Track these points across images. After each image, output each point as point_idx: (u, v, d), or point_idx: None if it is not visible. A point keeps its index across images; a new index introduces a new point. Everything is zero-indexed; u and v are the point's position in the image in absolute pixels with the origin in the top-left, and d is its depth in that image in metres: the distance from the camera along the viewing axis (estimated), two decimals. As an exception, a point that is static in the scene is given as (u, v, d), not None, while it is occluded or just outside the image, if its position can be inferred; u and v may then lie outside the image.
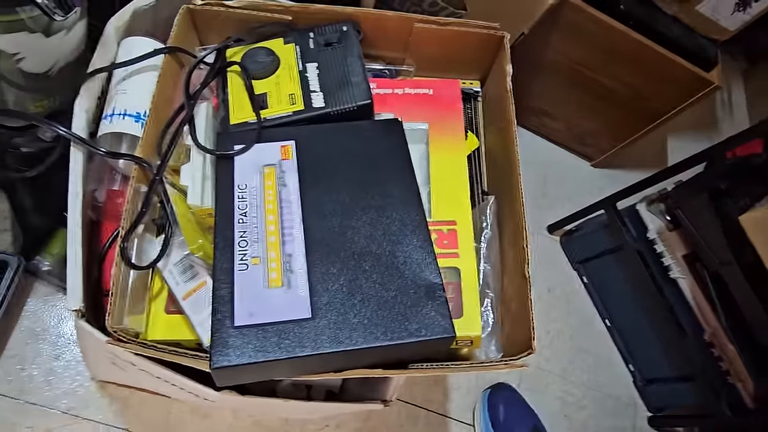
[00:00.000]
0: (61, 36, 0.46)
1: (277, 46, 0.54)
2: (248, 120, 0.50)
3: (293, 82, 0.52)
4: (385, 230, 0.45)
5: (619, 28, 0.94)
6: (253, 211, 0.45)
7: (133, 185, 0.44)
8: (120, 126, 0.49)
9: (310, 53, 0.54)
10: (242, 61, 0.52)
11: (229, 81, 0.52)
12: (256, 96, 0.51)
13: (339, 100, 0.51)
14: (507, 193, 0.52)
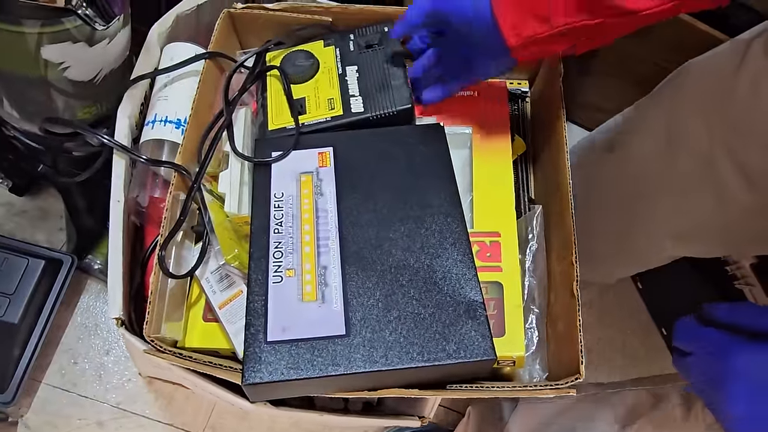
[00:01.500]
0: (105, 44, 0.46)
1: (317, 49, 0.53)
2: (286, 126, 0.49)
3: (332, 87, 0.50)
4: (424, 242, 0.43)
5: (682, 18, 0.87)
6: (289, 221, 0.44)
7: (172, 192, 0.44)
8: (161, 132, 0.49)
9: (350, 56, 0.52)
10: (281, 65, 0.51)
11: (268, 85, 0.51)
12: (294, 101, 0.50)
13: (378, 105, 0.49)
14: (555, 203, 0.49)
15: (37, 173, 0.71)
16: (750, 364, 0.32)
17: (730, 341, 0.34)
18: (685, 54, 0.92)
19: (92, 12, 0.40)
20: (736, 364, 0.32)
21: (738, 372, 0.32)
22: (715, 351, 0.34)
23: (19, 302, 0.63)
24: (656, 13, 0.35)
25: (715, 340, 0.35)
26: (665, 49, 0.93)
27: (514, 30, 0.39)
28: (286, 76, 0.50)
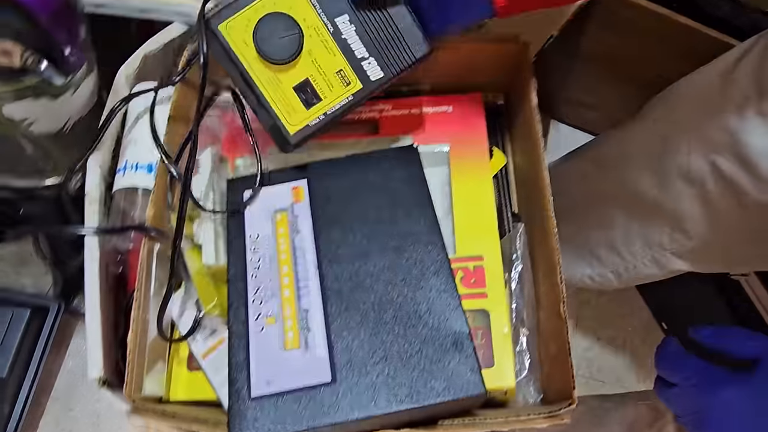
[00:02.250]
0: (69, 95, 0.45)
1: (283, 4, 0.39)
2: (309, 123, 0.41)
3: (332, 52, 0.40)
4: (405, 274, 0.42)
5: (660, 12, 0.86)
6: (267, 264, 0.43)
7: (146, 245, 0.43)
8: (132, 180, 0.48)
9: (332, 2, 0.40)
10: (256, 46, 0.38)
11: (257, 83, 0.40)
12: (302, 90, 0.40)
13: (396, 61, 0.41)
14: (538, 221, 0.48)
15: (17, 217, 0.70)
16: (736, 397, 0.31)
17: (715, 373, 0.33)
18: (665, 46, 0.92)
19: (50, 70, 0.39)
20: (722, 397, 0.32)
21: (725, 406, 0.31)
22: (700, 383, 0.34)
23: (6, 355, 0.62)
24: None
25: (699, 371, 0.34)
26: (646, 42, 0.92)
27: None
28: (268, 59, 0.39)
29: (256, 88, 0.40)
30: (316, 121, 0.41)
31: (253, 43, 0.38)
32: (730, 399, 0.31)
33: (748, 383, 0.31)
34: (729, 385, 0.32)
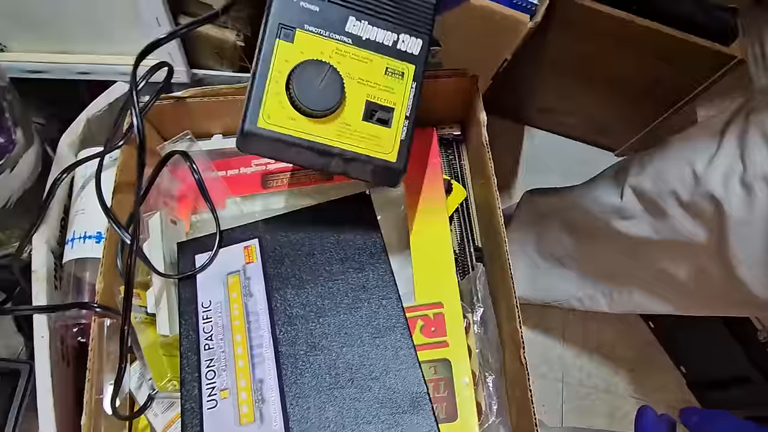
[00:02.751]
0: (7, 174, 0.44)
1: (294, 56, 0.35)
2: (400, 139, 0.37)
3: (368, 59, 0.36)
4: (360, 333, 0.41)
5: (620, 16, 0.86)
6: (220, 333, 0.42)
7: (96, 321, 0.42)
8: (81, 251, 0.47)
9: (331, 19, 0.36)
10: (304, 111, 0.35)
11: (330, 143, 0.36)
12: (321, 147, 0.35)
13: (421, 18, 0.37)
14: (497, 259, 0.48)
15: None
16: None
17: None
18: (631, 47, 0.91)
19: (-25, 158, 0.38)
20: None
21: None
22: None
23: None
24: None
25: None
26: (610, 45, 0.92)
27: None
28: (324, 112, 0.35)
29: (334, 149, 0.36)
30: (404, 130, 0.38)
31: (299, 112, 0.35)
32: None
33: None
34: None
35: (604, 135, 1.17)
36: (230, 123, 0.57)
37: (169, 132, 0.56)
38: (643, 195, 0.61)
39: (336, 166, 0.37)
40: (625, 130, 1.14)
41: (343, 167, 0.37)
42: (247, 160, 0.56)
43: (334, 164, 0.37)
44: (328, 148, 0.35)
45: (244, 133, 0.34)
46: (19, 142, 0.43)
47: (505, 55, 0.64)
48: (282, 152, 0.36)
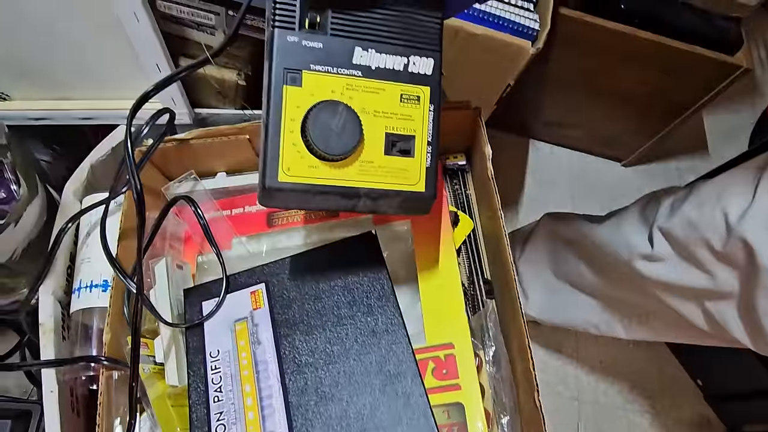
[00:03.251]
0: (11, 229, 0.44)
1: (304, 100, 0.33)
2: (426, 166, 0.36)
3: (380, 89, 0.35)
4: (370, 381, 0.41)
5: (622, 30, 0.85)
6: (229, 384, 0.42)
7: (104, 373, 0.42)
8: (88, 300, 0.47)
9: (336, 53, 0.34)
10: (325, 158, 0.33)
11: (355, 185, 0.34)
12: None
13: (427, 36, 0.36)
14: (506, 294, 0.47)
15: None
16: None
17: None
18: (636, 61, 0.90)
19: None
20: None
21: None
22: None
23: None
24: None
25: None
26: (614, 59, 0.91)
27: None
28: (344, 154, 0.33)
29: (361, 190, 0.34)
30: (429, 156, 0.36)
31: (319, 159, 0.33)
32: None
33: None
34: None
35: (611, 146, 1.16)
36: (233, 161, 0.57)
37: (173, 172, 0.56)
38: (673, 239, 0.60)
39: (364, 205, 0.35)
40: (631, 141, 1.13)
41: (372, 205, 0.35)
42: (251, 198, 0.55)
43: (361, 204, 0.35)
44: (353, 190, 0.34)
45: (266, 190, 0.33)
46: (22, 197, 0.43)
47: (508, 81, 0.64)
48: (307, 202, 0.35)
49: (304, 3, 0.33)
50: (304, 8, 0.33)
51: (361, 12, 0.34)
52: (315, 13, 0.33)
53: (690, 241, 0.58)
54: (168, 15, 0.49)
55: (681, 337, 0.71)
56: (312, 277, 0.46)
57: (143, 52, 0.46)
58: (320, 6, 0.33)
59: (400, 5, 0.35)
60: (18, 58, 0.49)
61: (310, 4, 0.33)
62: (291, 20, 0.33)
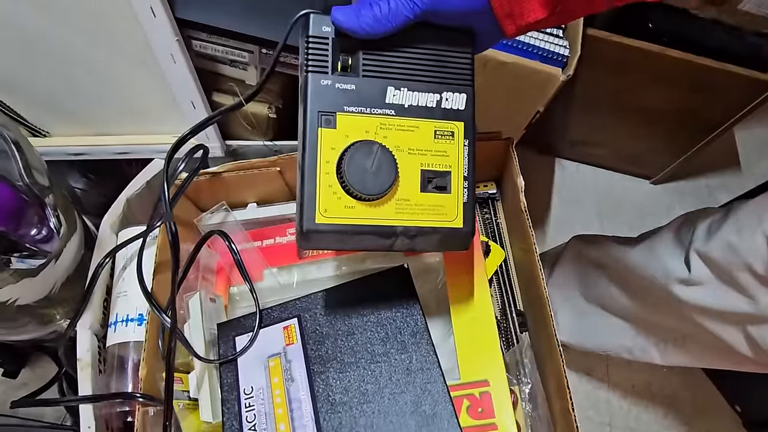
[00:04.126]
0: (52, 266, 0.45)
1: (339, 141, 0.34)
2: (463, 202, 0.36)
3: (414, 127, 0.35)
4: (405, 422, 0.40)
5: (651, 49, 0.84)
6: (263, 422, 0.42)
7: (140, 409, 0.42)
8: (123, 335, 0.48)
9: (370, 94, 0.34)
10: (362, 198, 0.33)
11: (392, 224, 0.34)
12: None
13: (459, 72, 0.36)
14: (543, 330, 0.46)
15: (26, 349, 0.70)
16: None
17: None
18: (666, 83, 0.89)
19: (23, 261, 0.39)
20: None
21: None
22: None
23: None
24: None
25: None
26: (643, 78, 0.90)
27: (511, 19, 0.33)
28: (381, 193, 0.33)
29: (398, 228, 0.34)
30: (465, 191, 0.36)
31: (355, 199, 0.33)
32: None
33: None
34: None
35: (638, 164, 1.14)
36: (264, 192, 0.57)
37: (205, 203, 0.57)
38: (712, 263, 0.58)
39: (401, 244, 0.35)
40: (660, 159, 1.11)
41: (409, 243, 0.35)
42: (282, 229, 0.56)
43: (399, 243, 0.35)
44: (391, 229, 0.34)
45: (304, 232, 0.33)
46: (63, 234, 0.44)
47: (538, 108, 0.63)
48: (345, 242, 0.34)
49: (336, 47, 0.34)
50: (336, 52, 0.34)
51: (392, 52, 0.34)
52: (347, 56, 0.34)
53: (730, 265, 0.56)
54: (203, 53, 0.50)
55: (720, 363, 0.69)
56: (344, 312, 0.46)
57: (179, 91, 0.47)
58: (351, 49, 0.34)
59: (430, 44, 0.35)
60: (59, 97, 0.50)
61: (341, 47, 0.34)
62: (324, 64, 0.34)
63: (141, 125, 0.53)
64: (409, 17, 0.32)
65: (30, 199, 0.38)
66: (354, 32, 0.32)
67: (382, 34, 0.32)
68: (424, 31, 0.34)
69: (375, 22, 0.32)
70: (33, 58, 0.47)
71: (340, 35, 0.33)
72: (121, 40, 0.45)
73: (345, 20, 0.32)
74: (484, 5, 0.32)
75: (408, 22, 0.32)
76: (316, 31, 0.33)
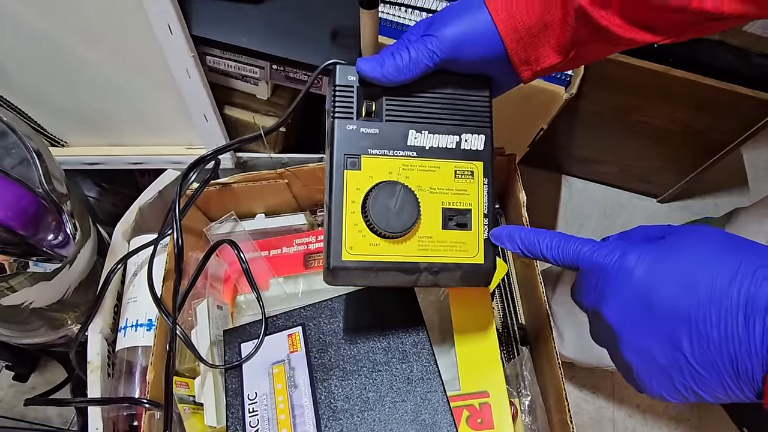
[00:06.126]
0: (66, 270, 0.47)
1: (363, 182, 0.35)
2: (483, 238, 0.37)
3: (435, 167, 0.37)
4: (405, 429, 0.41)
5: (656, 69, 0.85)
6: (266, 427, 0.42)
7: (146, 413, 0.43)
8: (133, 339, 0.49)
9: (392, 136, 0.36)
10: (386, 236, 0.35)
11: (416, 261, 0.36)
12: None
13: (478, 114, 0.38)
14: (543, 344, 0.47)
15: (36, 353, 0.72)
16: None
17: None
18: (672, 103, 0.90)
19: (40, 264, 0.40)
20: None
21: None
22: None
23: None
24: None
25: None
26: (650, 98, 0.90)
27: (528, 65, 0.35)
28: (404, 232, 0.35)
29: (421, 265, 0.36)
30: (485, 228, 0.37)
31: (380, 237, 0.35)
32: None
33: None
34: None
35: (645, 183, 1.15)
36: (272, 203, 0.59)
37: (215, 213, 0.59)
38: None
39: (425, 279, 0.36)
40: (667, 178, 1.11)
41: (433, 279, 0.36)
42: (289, 239, 0.57)
43: (422, 278, 0.36)
44: (414, 265, 0.35)
45: (330, 270, 0.34)
46: (77, 240, 0.46)
47: (542, 125, 0.64)
48: (370, 278, 0.36)
49: (360, 94, 0.36)
50: (360, 98, 0.36)
51: (413, 98, 0.37)
52: (370, 101, 0.36)
53: None
54: (216, 68, 0.52)
55: None
56: (348, 322, 0.47)
57: (192, 104, 0.49)
58: (375, 95, 0.36)
59: (449, 89, 0.37)
60: (78, 109, 0.52)
61: (365, 94, 0.36)
62: (350, 110, 0.36)
63: (154, 137, 0.55)
64: (429, 65, 0.34)
65: (49, 205, 0.40)
66: (378, 80, 0.34)
67: (404, 81, 0.35)
68: (443, 77, 0.36)
69: (397, 71, 0.34)
70: (54, 72, 0.49)
71: (364, 83, 0.36)
72: (139, 56, 0.47)
73: (369, 70, 0.34)
74: (500, 53, 0.34)
75: (428, 70, 0.34)
76: (342, 80, 0.36)
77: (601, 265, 0.29)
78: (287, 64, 0.51)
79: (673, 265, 0.26)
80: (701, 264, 0.25)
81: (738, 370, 0.24)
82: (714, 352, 0.24)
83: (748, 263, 0.24)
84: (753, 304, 0.23)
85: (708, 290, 0.24)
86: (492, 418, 0.44)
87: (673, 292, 0.25)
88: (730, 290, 0.24)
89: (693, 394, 0.26)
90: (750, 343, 0.23)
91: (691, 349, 0.25)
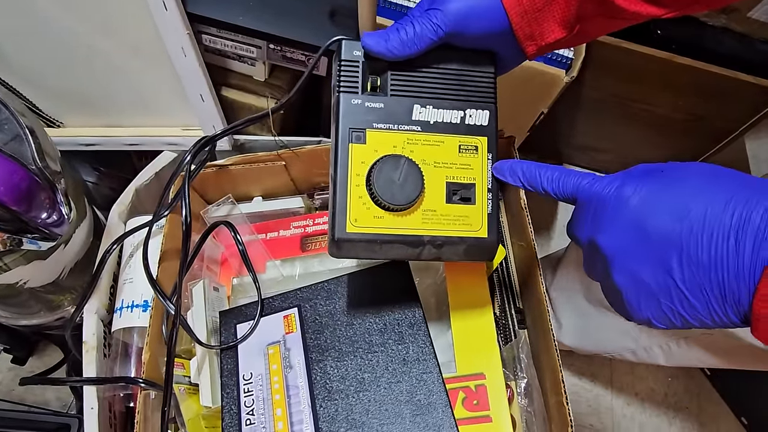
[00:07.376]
0: (61, 249, 0.47)
1: (368, 155, 0.35)
2: (487, 212, 0.37)
3: (440, 142, 0.37)
4: (400, 410, 0.41)
5: (659, 55, 0.84)
6: (261, 406, 0.42)
7: (141, 393, 0.43)
8: (128, 320, 0.49)
9: (397, 111, 0.36)
10: (390, 208, 0.35)
11: (419, 233, 0.36)
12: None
13: (483, 90, 0.37)
14: (540, 327, 0.46)
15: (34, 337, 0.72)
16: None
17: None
18: (675, 90, 0.89)
19: (34, 242, 0.40)
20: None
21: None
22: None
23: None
24: None
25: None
26: (652, 84, 0.90)
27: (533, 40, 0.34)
28: (409, 204, 0.35)
29: (425, 238, 0.35)
30: (489, 203, 0.37)
31: (384, 210, 0.35)
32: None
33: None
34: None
35: (647, 171, 1.14)
36: (270, 186, 0.58)
37: (212, 196, 0.58)
38: None
39: (428, 253, 0.36)
40: (668, 167, 1.10)
41: (436, 253, 0.36)
42: (286, 222, 0.57)
43: (426, 252, 0.36)
44: (418, 238, 0.35)
45: (335, 241, 0.34)
46: (72, 220, 0.45)
47: (542, 109, 0.64)
48: (374, 251, 0.36)
49: (365, 69, 0.36)
50: (365, 73, 0.36)
51: (418, 73, 0.37)
52: (375, 76, 0.36)
53: None
54: (212, 48, 0.51)
55: (731, 361, 0.68)
56: (344, 303, 0.46)
57: (189, 84, 0.49)
58: (380, 70, 0.36)
59: (454, 64, 0.37)
60: (74, 90, 0.52)
61: (370, 69, 0.36)
62: (355, 85, 0.36)
63: (151, 117, 0.54)
64: (434, 39, 0.34)
65: (42, 182, 0.39)
66: (383, 55, 0.35)
67: (409, 56, 0.34)
68: (448, 52, 0.36)
69: (402, 45, 0.34)
70: (50, 52, 0.49)
71: (369, 58, 0.36)
72: (134, 34, 0.46)
73: (374, 44, 0.34)
74: (504, 28, 0.34)
75: (432, 44, 0.34)
76: (348, 56, 0.36)
77: (599, 195, 0.30)
78: (284, 44, 0.51)
79: (669, 195, 0.26)
80: (696, 193, 0.26)
81: (725, 294, 0.24)
82: (702, 275, 0.25)
83: (742, 191, 0.25)
84: (745, 228, 0.23)
85: (701, 216, 0.25)
86: (488, 400, 0.44)
87: (667, 219, 0.26)
88: (723, 215, 0.24)
89: (680, 318, 0.27)
90: (738, 265, 0.23)
91: (681, 272, 0.25)
